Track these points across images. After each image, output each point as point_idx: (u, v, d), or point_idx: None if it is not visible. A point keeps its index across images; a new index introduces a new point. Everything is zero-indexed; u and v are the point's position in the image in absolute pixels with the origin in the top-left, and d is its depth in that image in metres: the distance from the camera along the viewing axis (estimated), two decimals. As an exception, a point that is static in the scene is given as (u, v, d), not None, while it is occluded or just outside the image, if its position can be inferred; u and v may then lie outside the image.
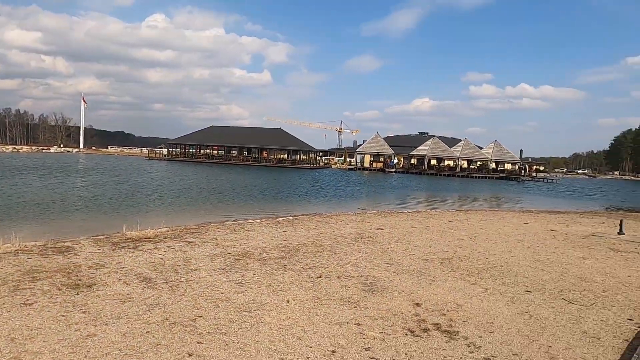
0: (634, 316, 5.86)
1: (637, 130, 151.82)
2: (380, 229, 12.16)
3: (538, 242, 11.42)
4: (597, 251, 10.53)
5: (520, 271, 8.05)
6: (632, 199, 42.68)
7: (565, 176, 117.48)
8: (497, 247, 10.32)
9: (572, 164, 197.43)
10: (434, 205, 24.22)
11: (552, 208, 24.38)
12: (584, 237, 12.71)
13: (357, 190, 33.31)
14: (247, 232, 10.72)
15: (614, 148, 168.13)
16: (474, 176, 69.90)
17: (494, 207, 24.91)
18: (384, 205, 21.35)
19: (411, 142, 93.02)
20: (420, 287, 6.68)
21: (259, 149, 72.82)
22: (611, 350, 4.73)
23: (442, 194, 35.55)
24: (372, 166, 76.56)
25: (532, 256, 9.51)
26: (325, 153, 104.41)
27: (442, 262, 8.42)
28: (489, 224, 14.66)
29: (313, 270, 7.29)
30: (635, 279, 7.98)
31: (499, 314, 5.65)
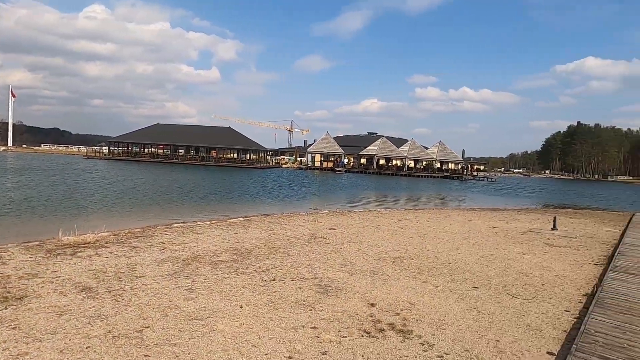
0: (570, 308, 6.26)
1: (565, 133, 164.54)
2: (332, 229, 12.20)
3: (482, 239, 11.97)
4: (534, 246, 11.21)
5: (467, 268, 8.37)
6: (561, 196, 46.11)
7: (503, 175, 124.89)
8: (444, 245, 10.69)
9: (509, 164, 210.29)
10: (384, 204, 24.76)
11: (492, 206, 25.73)
12: (522, 233, 13.50)
13: (308, 190, 33.34)
14: (197, 235, 10.33)
15: (545, 149, 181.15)
16: (420, 175, 72.38)
17: (440, 205, 25.90)
18: (335, 205, 21.50)
19: (360, 142, 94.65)
20: (374, 287, 6.74)
21: (207, 148, 70.88)
22: (552, 341, 5.01)
23: (391, 193, 36.45)
24: (322, 166, 77.04)
25: (477, 253, 9.94)
26: (275, 152, 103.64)
27: (394, 261, 8.57)
28: (436, 222, 15.18)
29: (266, 273, 7.14)
30: (569, 272, 8.56)
31: (450, 311, 5.82)
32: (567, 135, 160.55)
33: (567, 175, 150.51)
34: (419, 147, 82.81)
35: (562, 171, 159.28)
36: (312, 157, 79.57)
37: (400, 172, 74.06)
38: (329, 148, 79.28)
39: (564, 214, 21.12)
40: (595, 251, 11.02)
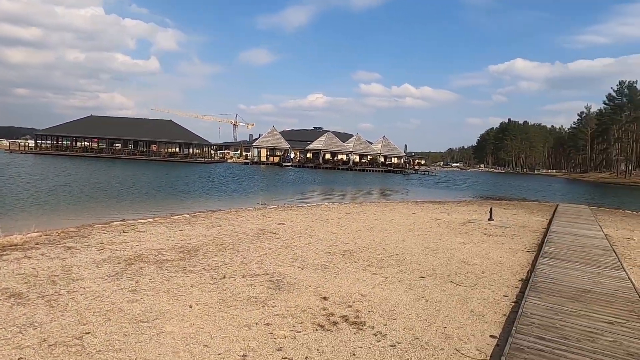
0: (508, 293, 6.69)
1: (497, 129, 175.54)
2: (282, 224, 12.12)
3: (426, 230, 12.46)
4: (474, 236, 11.85)
5: (414, 258, 8.67)
6: (495, 188, 49.19)
7: (442, 169, 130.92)
8: (391, 237, 10.99)
9: (447, 158, 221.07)
10: (332, 198, 25.02)
11: (434, 198, 26.88)
12: (462, 224, 14.22)
13: (255, 185, 32.90)
14: (139, 233, 9.82)
15: (480, 144, 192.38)
16: (365, 169, 73.97)
17: (386, 199, 26.64)
18: (283, 200, 21.39)
19: (306, 137, 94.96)
20: (326, 280, 6.78)
21: (147, 142, 67.63)
22: (494, 325, 5.32)
23: (338, 187, 36.92)
24: (268, 160, 76.41)
25: (422, 244, 10.33)
26: (220, 147, 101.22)
27: (344, 254, 8.68)
28: (382, 215, 15.58)
29: (216, 271, 6.94)
30: (506, 259, 9.14)
31: (400, 301, 5.99)
32: (499, 131, 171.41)
33: (499, 168, 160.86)
34: (363, 142, 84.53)
35: (495, 165, 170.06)
36: (258, 151, 78.60)
37: (346, 167, 75.21)
38: (275, 142, 78.74)
39: (498, 205, 22.53)
40: (527, 239, 11.86)
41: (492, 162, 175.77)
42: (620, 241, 12.45)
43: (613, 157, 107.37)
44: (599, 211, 22.59)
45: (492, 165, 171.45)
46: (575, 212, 19.56)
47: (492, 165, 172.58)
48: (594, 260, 8.98)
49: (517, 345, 4.41)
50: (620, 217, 19.93)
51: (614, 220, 18.17)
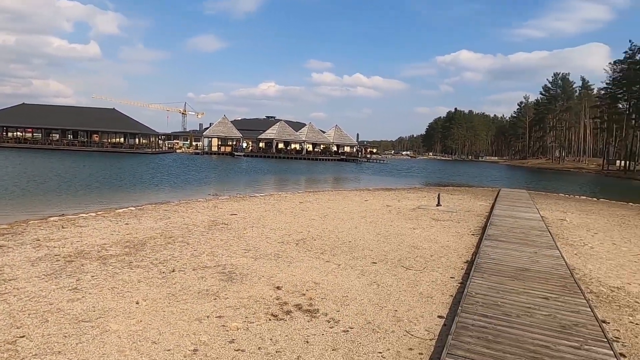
0: (454, 274, 6.98)
1: (444, 118, 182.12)
2: (234, 215, 11.91)
3: (377, 217, 12.73)
4: (423, 221, 12.26)
5: (366, 245, 8.83)
6: (443, 175, 51.16)
7: (393, 157, 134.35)
8: (344, 225, 11.13)
9: (398, 146, 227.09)
10: (285, 187, 24.92)
11: (385, 186, 27.52)
12: (412, 210, 14.66)
13: (206, 175, 32.06)
14: (80, 229, 9.27)
15: (428, 133, 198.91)
16: (318, 158, 74.31)
17: (339, 187, 26.91)
18: (236, 190, 21.03)
19: (259, 126, 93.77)
20: (279, 270, 6.75)
21: (88, 132, 63.83)
22: (441, 305, 5.54)
23: (291, 176, 36.82)
24: (220, 150, 74.72)
25: (374, 230, 10.54)
26: (168, 137, 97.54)
27: (298, 243, 8.68)
28: (335, 203, 15.73)
29: (164, 265, 6.70)
30: (452, 243, 9.54)
31: (352, 287, 6.08)
32: (447, 120, 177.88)
33: (447, 156, 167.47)
34: (316, 131, 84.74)
35: (443, 153, 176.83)
36: (208, 141, 76.56)
37: (299, 156, 75.16)
38: (227, 132, 77.05)
39: (445, 191, 23.46)
40: (472, 223, 12.45)
41: (440, 150, 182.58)
42: (555, 222, 13.37)
43: (549, 144, 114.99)
44: (536, 195, 24.12)
45: (440, 153, 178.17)
46: (515, 197, 20.78)
47: (440, 153, 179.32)
48: (532, 240, 9.59)
49: (463, 323, 4.62)
50: (555, 200, 21.41)
51: (549, 203, 19.48)
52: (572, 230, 12.17)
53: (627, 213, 17.43)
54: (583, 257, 8.73)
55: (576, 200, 22.66)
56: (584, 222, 13.78)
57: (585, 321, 4.88)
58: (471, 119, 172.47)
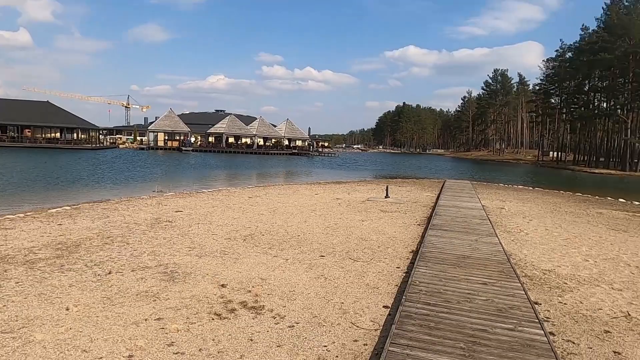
0: (400, 265, 7.13)
1: (393, 112, 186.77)
2: (179, 212, 11.47)
3: (327, 210, 12.77)
4: (371, 213, 12.45)
5: (315, 238, 8.81)
6: (392, 167, 52.46)
7: (344, 150, 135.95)
8: (294, 219, 11.05)
9: (349, 140, 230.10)
10: (235, 182, 24.42)
11: (336, 179, 27.76)
12: (361, 202, 14.86)
13: (152, 171, 30.74)
14: (5, 231, 8.52)
15: (378, 126, 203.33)
16: (269, 153, 73.64)
17: (289, 181, 26.76)
18: (183, 186, 20.33)
19: (208, 120, 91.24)
20: (225, 267, 6.56)
21: (18, 127, 59.04)
22: (387, 296, 5.62)
23: (242, 171, 36.19)
24: (167, 145, 71.98)
25: (323, 223, 10.55)
26: (111, 131, 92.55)
27: (245, 239, 8.50)
28: (286, 197, 15.62)
29: (100, 267, 6.30)
30: (399, 233, 9.75)
31: (299, 281, 6.03)
32: (395, 114, 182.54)
33: (396, 149, 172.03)
34: (267, 125, 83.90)
35: (393, 146, 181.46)
36: (154, 135, 73.54)
37: (250, 150, 74.08)
38: (174, 126, 74.33)
39: (394, 183, 24.03)
40: (418, 213, 12.81)
41: (389, 143, 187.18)
42: (495, 211, 14.08)
43: (490, 137, 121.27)
44: (478, 185, 25.34)
45: (390, 146, 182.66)
46: (459, 187, 21.69)
47: (389, 146, 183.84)
48: (473, 229, 10.01)
49: (407, 312, 4.71)
50: (495, 190, 22.59)
51: (490, 193, 20.52)
52: (510, 217, 12.86)
53: (559, 200, 18.72)
54: (519, 243, 9.23)
55: (514, 189, 24.05)
56: (520, 210, 14.62)
57: (520, 304, 5.14)
58: (419, 113, 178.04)
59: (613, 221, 13.23)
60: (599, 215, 14.52)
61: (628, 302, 5.85)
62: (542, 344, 4.10)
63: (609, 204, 18.34)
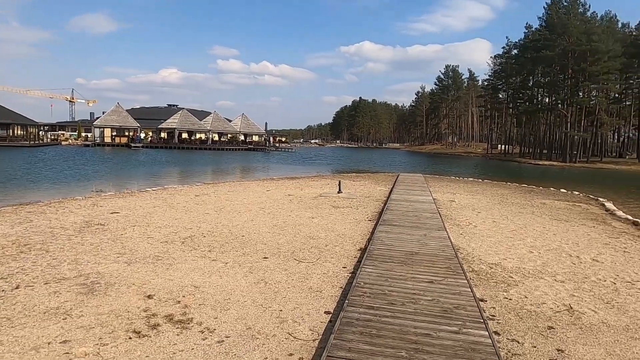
0: (347, 264, 6.82)
1: (350, 107, 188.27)
2: (115, 213, 10.61)
3: (277, 207, 12.31)
4: (322, 210, 12.13)
5: (260, 238, 8.35)
6: (348, 162, 52.62)
7: (302, 145, 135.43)
8: (240, 217, 10.52)
9: (307, 135, 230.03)
10: (184, 180, 23.36)
11: (291, 175, 27.28)
12: (313, 198, 14.52)
13: (96, 169, 28.91)
14: None
15: (336, 121, 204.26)
16: (224, 148, 71.90)
17: (242, 177, 26.00)
18: (127, 185, 19.13)
19: (160, 115, 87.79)
20: (156, 274, 5.97)
21: (-55, 123, 54.00)
22: (330, 300, 5.28)
23: (193, 167, 34.88)
24: (115, 141, 68.48)
25: (271, 222, 10.10)
26: (53, 127, 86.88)
27: (184, 242, 7.90)
28: (235, 194, 14.99)
29: (7, 281, 5.52)
30: (349, 230, 9.47)
31: (237, 287, 5.56)
32: (352, 109, 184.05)
33: (353, 143, 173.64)
34: (222, 120, 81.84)
35: (350, 140, 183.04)
36: (100, 132, 69.68)
37: (204, 146, 71.97)
38: (121, 121, 70.78)
39: (348, 178, 23.94)
40: (370, 209, 12.64)
41: (347, 137, 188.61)
42: (445, 204, 14.19)
43: (443, 131, 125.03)
44: (431, 178, 25.75)
45: (347, 141, 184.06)
46: (412, 181, 21.89)
47: (347, 140, 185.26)
48: (423, 223, 9.92)
49: (348, 319, 4.38)
50: (447, 183, 23.01)
51: (441, 186, 20.83)
52: (460, 210, 12.97)
53: (506, 192, 19.29)
54: (467, 237, 9.22)
55: (464, 182, 24.62)
56: (470, 202, 14.83)
57: (466, 302, 4.96)
58: (375, 107, 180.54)
59: (555, 211, 13.69)
60: (543, 205, 15.01)
61: (570, 294, 5.85)
62: (487, 346, 3.90)
63: (552, 194, 19.11)
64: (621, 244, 9.23)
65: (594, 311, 5.27)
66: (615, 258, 7.96)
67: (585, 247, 8.75)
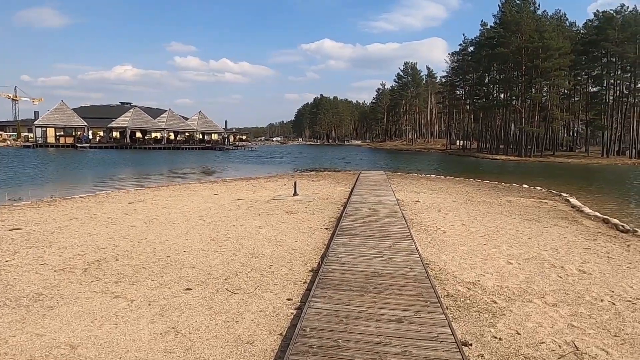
0: (293, 293, 5.38)
1: (312, 104, 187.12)
2: (15, 230, 8.64)
3: (221, 215, 10.70)
4: (274, 216, 10.63)
5: (189, 259, 6.75)
6: (309, 160, 51.21)
7: (263, 143, 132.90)
8: (173, 230, 8.84)
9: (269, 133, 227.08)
10: (125, 183, 21.11)
11: (247, 175, 25.53)
12: (266, 202, 12.98)
13: (25, 173, 25.91)
14: None
15: (298, 119, 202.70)
16: (181, 148, 68.66)
17: (192, 179, 23.93)
18: (52, 191, 16.79)
19: (112, 114, 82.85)
20: (21, 327, 4.27)
21: None
22: (263, 356, 3.82)
23: (140, 169, 32.30)
24: (59, 142, 63.68)
25: (210, 235, 8.50)
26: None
27: (87, 269, 6.17)
28: (176, 200, 13.20)
29: None
30: (301, 243, 8.04)
31: (132, 344, 3.98)
32: (314, 106, 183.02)
33: (316, 141, 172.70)
34: (177, 118, 78.20)
35: (312, 138, 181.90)
36: (42, 131, 64.63)
37: (159, 146, 68.42)
38: (66, 120, 65.93)
39: (307, 177, 22.53)
40: (328, 213, 11.27)
41: (309, 135, 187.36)
42: (409, 205, 13.06)
43: (403, 128, 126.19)
44: (393, 176, 24.79)
45: (309, 138, 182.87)
46: (374, 179, 20.77)
47: (309, 138, 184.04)
48: (387, 230, 8.65)
49: (282, 400, 2.94)
50: (409, 181, 22.06)
51: (404, 184, 19.82)
52: (425, 212, 11.86)
53: (470, 189, 18.52)
54: (437, 246, 8.03)
55: (427, 179, 23.81)
56: (435, 202, 13.80)
57: (447, 354, 3.64)
58: (336, 104, 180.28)
59: (524, 210, 12.88)
60: (509, 204, 14.22)
61: (568, 324, 4.70)
62: None
63: (516, 191, 18.52)
64: (602, 248, 8.34)
65: (604, 351, 4.11)
66: (602, 267, 6.99)
67: (566, 254, 7.77)
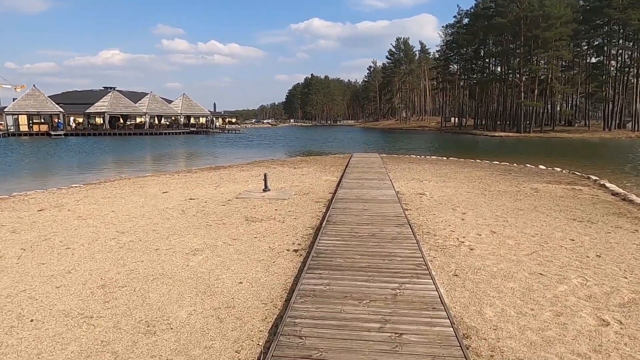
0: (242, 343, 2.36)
1: (303, 85, 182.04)
2: None
3: (151, 229, 7.59)
4: (226, 228, 7.56)
5: (27, 346, 3.70)
6: (299, 142, 47.89)
7: (253, 126, 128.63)
8: (55, 265, 5.74)
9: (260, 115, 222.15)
10: (66, 178, 17.81)
11: (221, 163, 22.34)
12: (225, 202, 9.91)
13: None
14: None
15: (289, 100, 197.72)
16: (163, 133, 64.90)
17: (152, 169, 20.52)
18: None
19: (94, 99, 78.24)
20: None
21: None
22: None
23: (103, 159, 28.86)
24: (33, 130, 59.70)
25: (105, 273, 5.39)
26: (-39, 116, 75.39)
27: None
28: (108, 203, 10.05)
29: None
30: (249, 285, 4.96)
31: None
32: (305, 86, 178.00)
33: (307, 122, 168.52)
34: (160, 102, 74.08)
35: (304, 119, 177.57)
36: (14, 119, 60.49)
37: (140, 131, 64.59)
38: (39, 106, 61.75)
39: (290, 164, 19.38)
40: (303, 220, 8.20)
41: (300, 116, 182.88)
42: (413, 201, 10.06)
43: (397, 106, 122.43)
44: (388, 158, 21.76)
45: (300, 119, 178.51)
46: (367, 164, 17.73)
47: (300, 119, 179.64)
48: (387, 253, 5.64)
49: None
50: (408, 164, 19.03)
51: (403, 169, 16.80)
52: (436, 211, 8.87)
53: (481, 173, 15.55)
54: (468, 282, 5.02)
55: (428, 161, 20.80)
56: (445, 195, 10.80)
57: None
58: (328, 84, 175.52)
59: (561, 203, 9.93)
60: (537, 193, 11.28)
61: None
62: None
63: (535, 174, 15.58)
64: None
65: None
66: None
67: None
